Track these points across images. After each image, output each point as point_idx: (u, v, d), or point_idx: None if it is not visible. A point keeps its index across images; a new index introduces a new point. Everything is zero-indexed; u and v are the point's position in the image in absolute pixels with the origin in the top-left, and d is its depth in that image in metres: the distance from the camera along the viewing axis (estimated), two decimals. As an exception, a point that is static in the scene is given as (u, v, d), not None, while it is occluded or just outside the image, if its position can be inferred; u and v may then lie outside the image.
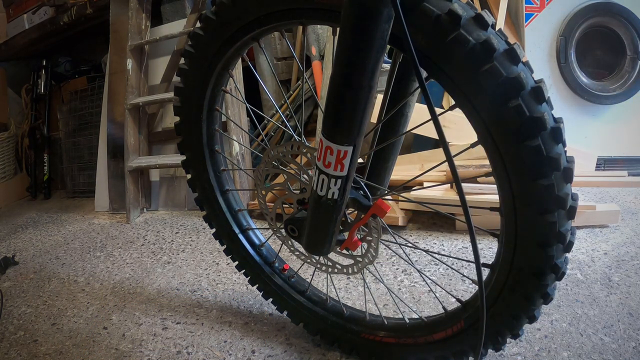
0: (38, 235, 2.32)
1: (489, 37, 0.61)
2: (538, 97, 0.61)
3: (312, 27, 2.24)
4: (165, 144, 2.55)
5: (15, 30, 3.33)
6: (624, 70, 2.26)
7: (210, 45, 0.90)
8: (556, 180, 0.63)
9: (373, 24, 0.60)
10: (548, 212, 0.64)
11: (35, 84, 3.45)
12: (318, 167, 0.73)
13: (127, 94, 2.42)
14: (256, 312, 1.24)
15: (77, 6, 2.90)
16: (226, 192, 1.11)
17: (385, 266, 1.44)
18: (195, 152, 1.06)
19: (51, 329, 1.29)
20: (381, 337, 0.95)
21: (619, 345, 0.96)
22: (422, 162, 1.97)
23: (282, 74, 2.51)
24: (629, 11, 2.20)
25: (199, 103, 0.98)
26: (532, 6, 2.25)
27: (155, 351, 1.12)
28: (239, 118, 2.22)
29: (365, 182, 0.84)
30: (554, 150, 0.62)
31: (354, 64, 0.63)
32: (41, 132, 3.45)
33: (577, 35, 2.25)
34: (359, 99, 0.65)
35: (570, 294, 1.18)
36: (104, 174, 2.68)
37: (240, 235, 1.12)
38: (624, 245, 1.45)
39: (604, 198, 1.95)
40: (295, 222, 0.88)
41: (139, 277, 1.57)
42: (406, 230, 1.74)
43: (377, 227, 0.83)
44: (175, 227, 2.12)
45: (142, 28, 2.50)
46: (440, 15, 0.62)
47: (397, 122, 0.83)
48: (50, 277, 1.68)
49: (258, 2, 0.80)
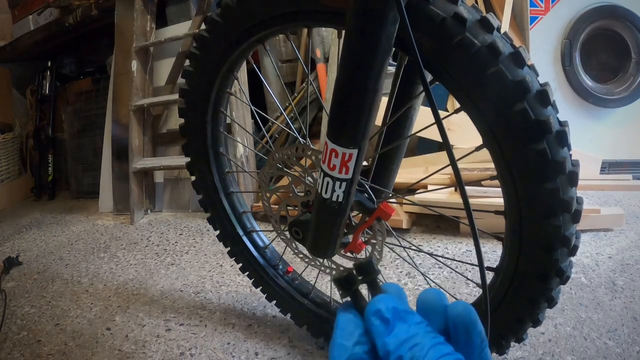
0: (42, 235, 2.33)
1: (495, 40, 0.61)
2: (543, 101, 0.61)
3: (316, 29, 2.24)
4: (169, 145, 2.56)
5: (20, 31, 3.35)
6: (629, 74, 2.26)
7: (215, 47, 0.90)
8: (561, 184, 0.63)
9: (378, 27, 0.60)
10: (553, 215, 0.64)
11: (41, 85, 3.47)
12: (323, 170, 0.73)
13: (132, 96, 2.43)
14: (260, 314, 1.24)
15: (82, 7, 2.91)
16: (230, 194, 1.11)
17: (389, 269, 1.43)
18: (199, 154, 1.06)
19: (54, 329, 1.30)
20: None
21: (623, 349, 0.96)
22: (426, 165, 1.97)
23: (287, 77, 2.51)
24: (633, 14, 2.19)
25: (204, 105, 0.98)
26: (536, 9, 2.25)
27: (158, 352, 1.12)
28: (244, 120, 2.22)
29: (370, 185, 0.84)
30: (559, 154, 0.62)
31: (359, 67, 0.63)
32: (46, 133, 3.47)
33: (582, 38, 2.24)
34: (364, 101, 0.65)
35: (575, 297, 1.18)
36: (109, 175, 2.69)
37: (244, 237, 1.12)
38: (628, 249, 1.45)
39: (609, 201, 1.95)
40: (300, 224, 0.88)
41: (143, 279, 1.58)
42: (410, 233, 1.74)
43: (382, 230, 0.83)
44: (179, 229, 2.13)
45: (147, 30, 2.51)
46: (445, 18, 0.62)
47: (402, 125, 0.83)
48: (54, 278, 1.69)
49: (263, 5, 0.80)
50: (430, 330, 0.32)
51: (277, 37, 2.43)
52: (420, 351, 0.30)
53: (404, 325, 0.32)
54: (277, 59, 2.51)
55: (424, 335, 0.31)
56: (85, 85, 3.25)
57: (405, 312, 0.33)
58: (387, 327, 0.32)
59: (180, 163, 2.23)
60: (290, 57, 2.51)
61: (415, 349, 0.30)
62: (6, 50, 3.45)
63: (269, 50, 0.93)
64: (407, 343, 0.31)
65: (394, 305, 0.33)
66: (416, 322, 0.32)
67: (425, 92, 0.57)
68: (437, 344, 0.31)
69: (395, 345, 0.31)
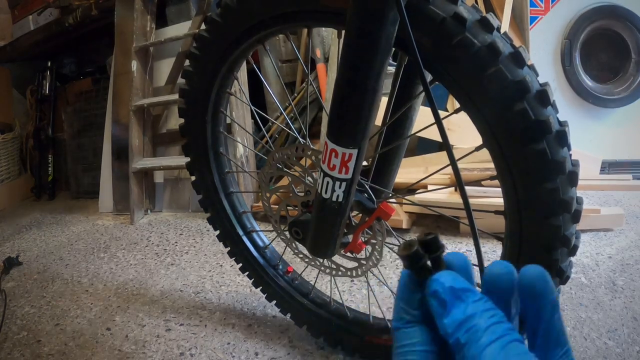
0: (42, 235, 2.33)
1: (495, 40, 0.61)
2: (543, 101, 0.61)
3: (316, 29, 2.24)
4: (169, 145, 2.56)
5: (20, 32, 3.35)
6: (629, 74, 2.26)
7: (215, 47, 0.90)
8: (561, 184, 0.63)
9: (378, 27, 0.60)
10: (553, 215, 0.64)
11: (40, 85, 3.47)
12: (323, 170, 0.73)
13: (132, 96, 2.43)
14: (260, 314, 1.24)
15: (82, 8, 2.91)
16: (230, 194, 1.11)
17: (389, 269, 1.43)
18: (199, 154, 1.06)
19: (54, 329, 1.30)
20: (385, 340, 0.95)
21: (623, 349, 0.96)
22: (426, 165, 1.97)
23: (287, 77, 2.51)
24: (633, 14, 2.20)
25: (204, 105, 0.98)
26: (536, 9, 2.25)
27: (158, 352, 1.12)
28: (244, 120, 2.22)
29: (370, 185, 0.84)
30: (559, 154, 0.62)
31: (359, 67, 0.63)
32: (46, 133, 3.46)
33: (582, 38, 2.25)
34: (364, 101, 0.65)
35: (575, 297, 1.18)
36: (109, 175, 2.69)
37: (244, 237, 1.12)
38: (628, 249, 1.45)
39: (609, 201, 1.95)
40: (300, 224, 0.88)
41: (143, 279, 1.58)
42: (410, 233, 1.74)
43: (382, 230, 0.83)
44: (179, 229, 2.13)
45: (147, 30, 2.51)
46: (445, 18, 0.62)
47: (402, 125, 0.83)
48: (54, 278, 1.69)
49: (263, 5, 0.80)
50: (489, 307, 0.31)
51: (277, 37, 2.43)
52: (475, 334, 0.30)
53: (462, 305, 0.31)
54: (277, 59, 2.51)
55: (480, 315, 0.31)
56: (85, 85, 3.25)
57: (463, 290, 0.32)
58: (444, 309, 0.32)
59: (180, 163, 2.23)
60: (290, 57, 2.51)
61: (470, 331, 0.30)
62: (6, 50, 3.45)
63: (269, 50, 0.93)
64: (463, 325, 0.30)
65: (452, 284, 0.32)
66: (474, 300, 0.32)
67: (425, 92, 0.57)
68: (494, 324, 0.30)
69: (453, 327, 0.31)
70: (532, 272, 0.33)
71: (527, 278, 0.33)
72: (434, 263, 0.35)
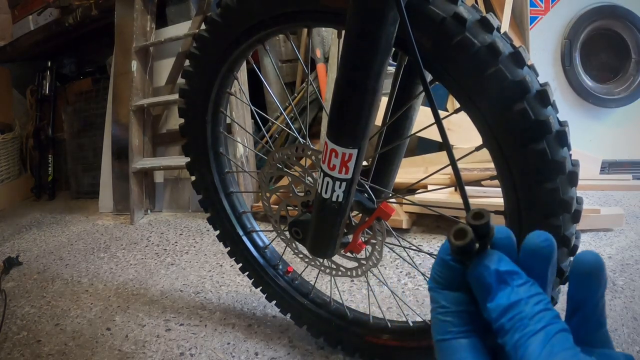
0: (42, 235, 2.33)
1: (495, 40, 0.61)
2: (543, 101, 0.61)
3: (316, 29, 2.24)
4: (169, 145, 2.56)
5: (20, 32, 3.35)
6: (629, 74, 2.26)
7: (215, 47, 0.90)
8: (561, 184, 0.63)
9: (378, 27, 0.60)
10: (553, 215, 0.64)
11: (40, 85, 3.47)
12: (323, 170, 0.73)
13: (132, 96, 2.43)
14: (260, 314, 1.24)
15: (82, 8, 2.91)
16: (230, 194, 1.11)
17: (389, 269, 1.43)
18: (199, 154, 1.06)
19: (54, 329, 1.30)
20: (385, 340, 0.95)
21: (623, 349, 0.96)
22: (426, 165, 1.97)
23: (287, 77, 2.51)
24: (633, 14, 2.20)
25: (204, 105, 0.98)
26: (536, 9, 2.25)
27: (158, 352, 1.12)
28: (244, 120, 2.22)
29: (370, 185, 0.84)
30: (559, 154, 0.62)
31: (359, 67, 0.63)
32: (46, 133, 3.47)
33: (582, 38, 2.24)
34: (364, 101, 0.65)
35: (575, 298, 1.17)
36: (109, 175, 2.69)
37: (244, 237, 1.12)
38: (628, 249, 1.44)
39: (609, 202, 1.95)
40: (300, 224, 0.88)
41: (143, 279, 1.58)
42: (410, 233, 1.74)
43: (381, 230, 0.83)
44: (179, 229, 2.13)
45: (147, 30, 2.51)
46: (445, 18, 0.62)
47: (402, 125, 0.83)
48: (54, 278, 1.69)
49: (263, 5, 0.80)
50: (535, 292, 0.31)
51: (277, 37, 2.44)
52: (520, 321, 0.29)
53: (507, 289, 0.31)
54: (277, 59, 2.51)
55: (526, 302, 0.30)
56: (85, 85, 3.25)
57: (508, 273, 0.31)
58: (489, 293, 0.31)
59: (180, 163, 2.23)
60: (290, 57, 2.51)
61: (515, 318, 0.30)
62: (6, 50, 3.45)
63: (269, 50, 0.93)
64: (508, 311, 0.30)
65: (496, 267, 0.32)
66: (518, 284, 0.31)
67: (425, 92, 0.57)
68: (539, 311, 0.30)
69: (497, 312, 0.30)
70: (588, 257, 0.32)
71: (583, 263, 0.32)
72: (481, 245, 0.33)
